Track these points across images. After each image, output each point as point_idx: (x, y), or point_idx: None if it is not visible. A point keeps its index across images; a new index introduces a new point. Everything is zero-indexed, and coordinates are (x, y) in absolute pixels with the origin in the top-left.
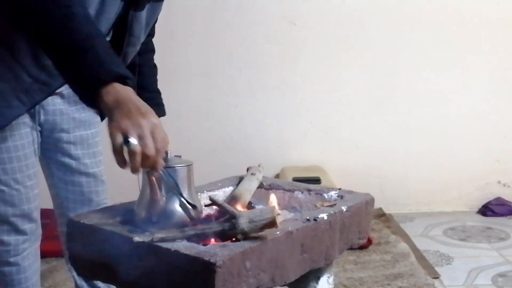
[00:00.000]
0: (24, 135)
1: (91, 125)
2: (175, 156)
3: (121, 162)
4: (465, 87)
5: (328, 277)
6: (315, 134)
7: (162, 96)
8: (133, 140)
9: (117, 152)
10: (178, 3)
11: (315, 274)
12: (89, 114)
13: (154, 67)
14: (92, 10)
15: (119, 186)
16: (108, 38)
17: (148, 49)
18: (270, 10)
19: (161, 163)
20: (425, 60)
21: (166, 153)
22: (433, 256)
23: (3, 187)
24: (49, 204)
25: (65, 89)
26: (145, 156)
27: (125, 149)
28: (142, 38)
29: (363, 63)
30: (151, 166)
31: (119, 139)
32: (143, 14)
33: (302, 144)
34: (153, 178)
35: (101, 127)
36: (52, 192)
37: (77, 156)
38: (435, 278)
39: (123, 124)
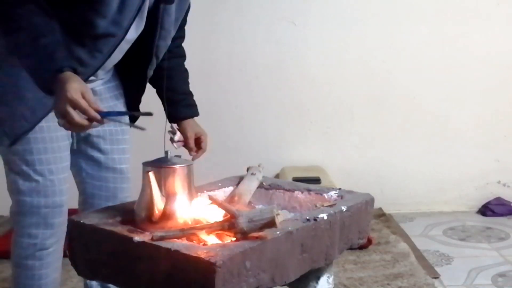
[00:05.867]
0: (59, 128)
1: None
2: (175, 156)
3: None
4: (465, 87)
5: (328, 277)
6: (315, 134)
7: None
8: (61, 121)
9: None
10: None
11: (315, 274)
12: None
13: (185, 72)
14: (114, 4)
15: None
16: (139, 32)
17: (178, 54)
18: (270, 10)
19: (93, 115)
20: (425, 60)
21: (166, 153)
22: (433, 256)
23: (37, 177)
24: None
25: (97, 86)
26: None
27: None
28: (173, 33)
29: (363, 63)
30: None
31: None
32: (173, 8)
33: (302, 144)
34: (153, 178)
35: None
36: (79, 189)
37: (106, 151)
38: (435, 278)
39: (55, 108)
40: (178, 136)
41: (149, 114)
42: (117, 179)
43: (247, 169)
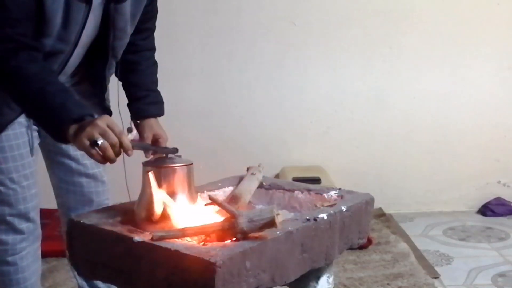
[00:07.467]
0: (19, 135)
1: None
2: (175, 156)
3: (101, 161)
4: (465, 87)
5: (328, 277)
6: (315, 134)
7: (163, 96)
8: (99, 140)
9: (92, 155)
10: (178, 3)
11: (315, 274)
12: None
13: (154, 65)
14: (57, 21)
15: (119, 186)
16: (94, 34)
17: (146, 47)
18: (270, 10)
19: (127, 142)
20: (425, 60)
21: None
22: (433, 256)
23: None
24: (49, 204)
25: None
26: (112, 146)
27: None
28: (130, 31)
29: (363, 63)
30: (120, 151)
31: (87, 143)
32: (126, 6)
33: (302, 144)
34: (153, 178)
35: None
36: (55, 192)
37: (76, 157)
38: (435, 278)
39: (84, 135)
40: (133, 135)
41: (175, 151)
42: (91, 184)
43: (247, 169)
